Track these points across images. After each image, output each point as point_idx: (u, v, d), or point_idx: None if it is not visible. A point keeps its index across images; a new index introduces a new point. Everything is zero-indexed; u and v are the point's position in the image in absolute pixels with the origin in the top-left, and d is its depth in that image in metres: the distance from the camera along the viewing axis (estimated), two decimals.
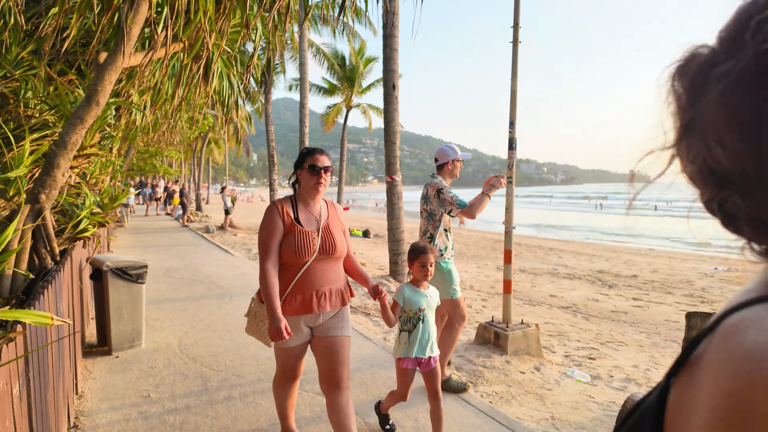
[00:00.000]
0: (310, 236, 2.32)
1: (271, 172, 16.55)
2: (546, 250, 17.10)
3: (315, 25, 16.42)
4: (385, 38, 7.07)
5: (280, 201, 2.40)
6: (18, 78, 4.54)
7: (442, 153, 3.80)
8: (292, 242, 2.29)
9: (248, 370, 3.94)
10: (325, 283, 2.36)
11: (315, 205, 2.45)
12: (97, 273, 4.38)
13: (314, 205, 2.44)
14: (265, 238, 2.33)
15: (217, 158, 46.00)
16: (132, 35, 2.79)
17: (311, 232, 2.34)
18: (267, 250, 2.30)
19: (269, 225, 2.33)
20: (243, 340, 4.69)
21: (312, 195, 2.41)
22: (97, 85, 2.84)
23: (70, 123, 2.81)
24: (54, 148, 2.83)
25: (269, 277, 2.26)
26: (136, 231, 15.42)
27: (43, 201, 2.81)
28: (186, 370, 3.93)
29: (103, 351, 4.32)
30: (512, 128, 4.46)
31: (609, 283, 10.63)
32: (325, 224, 2.41)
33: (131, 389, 3.55)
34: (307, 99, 14.13)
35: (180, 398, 3.41)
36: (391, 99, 7.22)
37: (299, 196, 2.44)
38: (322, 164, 2.35)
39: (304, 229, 2.33)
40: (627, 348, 5.44)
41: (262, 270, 2.28)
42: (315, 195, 2.41)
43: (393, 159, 7.63)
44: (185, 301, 6.29)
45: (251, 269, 8.86)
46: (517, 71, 4.51)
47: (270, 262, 2.29)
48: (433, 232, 3.64)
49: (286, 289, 2.31)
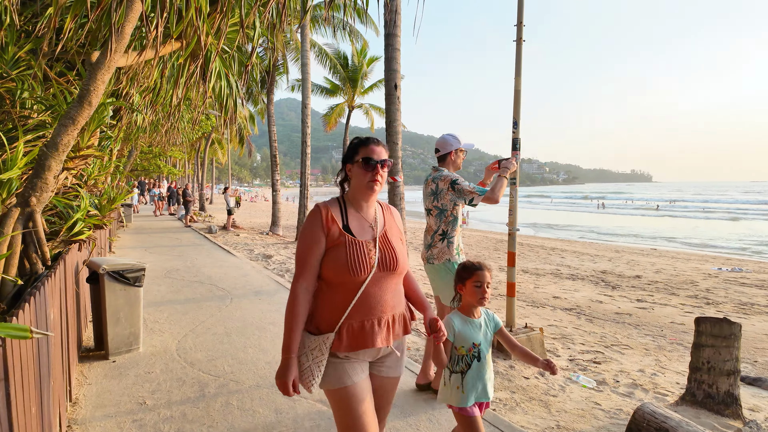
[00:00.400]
0: (366, 248, 1.85)
1: (274, 172, 16.49)
2: (548, 250, 16.99)
3: (316, 26, 16.36)
4: (386, 37, 6.98)
5: (325, 205, 1.91)
6: (15, 78, 4.48)
7: (444, 143, 3.57)
8: (343, 256, 1.80)
9: (246, 375, 3.86)
10: (387, 308, 1.87)
11: (369, 209, 1.97)
12: (94, 276, 4.31)
13: (368, 209, 1.96)
14: (301, 251, 1.86)
15: (221, 158, 46.02)
16: (125, 33, 2.72)
17: (366, 243, 1.86)
18: (301, 266, 1.84)
19: (307, 235, 1.86)
20: (242, 343, 4.62)
21: (366, 196, 1.92)
22: (89, 85, 2.77)
23: (62, 124, 2.74)
24: (45, 149, 2.76)
25: (296, 303, 1.80)
26: (139, 231, 15.39)
27: (34, 204, 2.74)
28: (183, 375, 3.86)
29: (100, 355, 4.26)
30: (516, 129, 4.37)
31: (612, 283, 10.53)
32: (383, 232, 1.95)
33: (127, 396, 3.48)
34: (309, 99, 14.07)
35: (176, 405, 3.33)
36: (393, 99, 7.13)
37: (349, 197, 1.97)
38: (379, 157, 1.88)
39: (357, 240, 1.85)
40: (632, 351, 5.34)
41: (291, 292, 1.83)
42: (369, 196, 1.92)
43: (395, 159, 7.55)
44: (185, 303, 6.22)
45: (252, 270, 8.80)
46: (521, 70, 4.42)
47: (302, 283, 1.82)
48: (446, 229, 3.45)
49: (338, 317, 1.80)
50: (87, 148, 4.40)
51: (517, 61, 4.43)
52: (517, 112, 4.38)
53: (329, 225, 1.85)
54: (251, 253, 11.28)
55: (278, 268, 9.21)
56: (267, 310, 5.91)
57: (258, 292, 6.92)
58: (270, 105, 16.70)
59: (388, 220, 2.02)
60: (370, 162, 1.87)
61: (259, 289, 7.12)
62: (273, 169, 16.51)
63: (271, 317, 5.56)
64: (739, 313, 7.89)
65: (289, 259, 10.27)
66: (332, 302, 1.83)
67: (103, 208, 4.71)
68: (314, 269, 1.83)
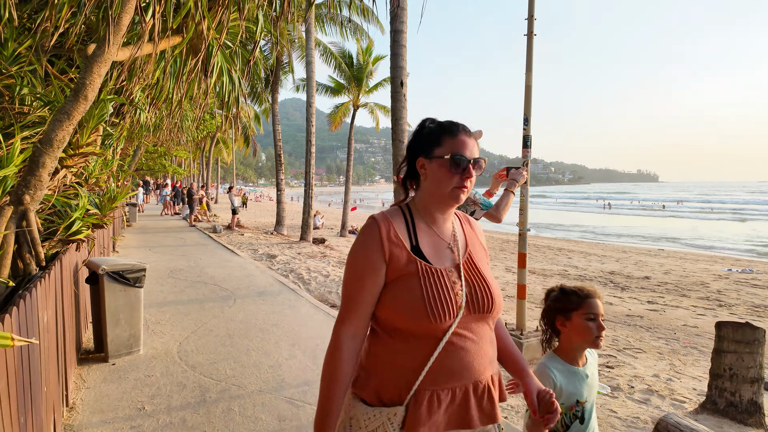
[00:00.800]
0: (448, 279, 1.28)
1: (279, 172, 16.41)
2: (555, 251, 16.82)
3: (321, 23, 16.25)
4: (392, 33, 6.85)
5: (385, 217, 1.33)
6: (14, 74, 4.39)
7: None
8: (416, 292, 1.23)
9: (249, 380, 3.74)
10: (484, 367, 1.29)
11: (445, 222, 1.39)
12: (93, 276, 4.21)
13: (444, 222, 1.38)
14: (349, 282, 1.31)
15: (225, 158, 46.05)
16: (122, 24, 2.61)
17: (447, 272, 1.29)
18: (349, 305, 1.30)
19: (359, 261, 1.30)
20: (245, 346, 4.51)
21: (445, 207, 1.34)
22: (85, 79, 2.66)
23: (56, 119, 2.63)
24: (39, 146, 2.65)
25: (339, 357, 1.27)
26: (143, 231, 15.34)
27: (28, 202, 2.63)
28: (184, 379, 3.75)
29: (100, 358, 4.15)
30: (527, 125, 4.23)
31: (621, 285, 10.35)
32: (466, 256, 1.36)
33: (125, 400, 3.37)
34: (314, 98, 13.96)
35: (176, 411, 3.22)
36: (399, 96, 7.00)
37: (418, 205, 1.38)
38: (472, 154, 1.30)
39: (434, 267, 1.28)
40: (646, 355, 5.19)
41: (333, 340, 1.30)
42: (450, 207, 1.35)
43: (401, 158, 7.41)
44: (188, 304, 6.12)
45: (256, 270, 8.69)
46: (532, 65, 4.28)
47: (348, 327, 1.29)
48: None
49: (410, 382, 1.23)
50: (87, 146, 4.31)
51: (528, 55, 4.29)
52: (528, 109, 4.24)
53: (392, 247, 1.27)
54: (255, 252, 11.18)
55: (282, 268, 9.10)
56: (270, 311, 5.80)
57: (262, 293, 6.81)
58: (275, 104, 16.61)
59: (470, 238, 1.42)
60: (461, 161, 1.27)
61: (262, 290, 7.01)
62: (278, 169, 16.43)
63: (274, 319, 5.45)
64: (753, 315, 7.70)
65: (293, 259, 10.15)
66: (399, 359, 1.25)
67: (104, 207, 4.61)
68: (367, 309, 1.29)
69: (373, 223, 1.31)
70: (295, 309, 5.93)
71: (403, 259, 1.27)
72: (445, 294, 1.24)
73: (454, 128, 1.32)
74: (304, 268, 9.04)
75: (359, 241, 1.32)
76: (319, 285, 7.57)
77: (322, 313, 5.73)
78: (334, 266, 9.29)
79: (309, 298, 6.55)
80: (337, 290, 7.17)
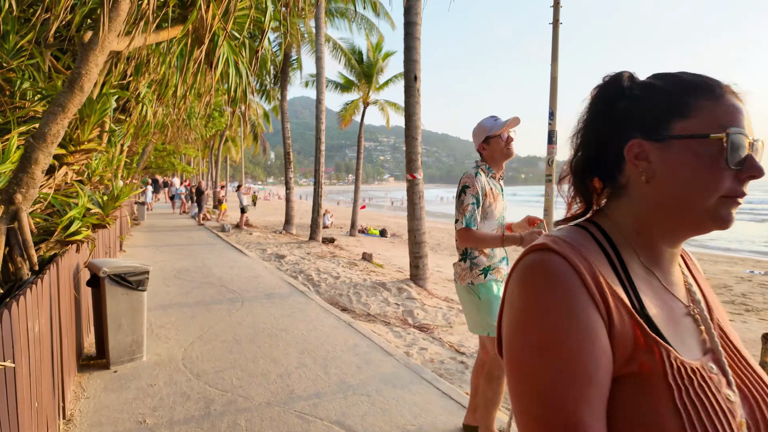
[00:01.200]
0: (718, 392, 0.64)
1: (287, 170, 16.22)
2: None
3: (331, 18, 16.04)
4: (406, 26, 6.59)
5: (572, 248, 0.68)
6: (15, 68, 4.22)
7: (474, 133, 2.78)
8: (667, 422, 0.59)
9: (257, 390, 3.53)
10: None
11: (673, 263, 0.78)
12: (95, 279, 4.02)
13: (671, 263, 0.77)
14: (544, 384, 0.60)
15: (234, 156, 46.05)
16: (119, 10, 2.40)
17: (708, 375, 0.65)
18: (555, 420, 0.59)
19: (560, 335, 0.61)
20: (252, 353, 4.30)
21: (687, 231, 0.73)
22: (80, 68, 2.45)
23: (50, 112, 2.43)
24: (32, 141, 2.45)
25: None
26: (152, 229, 15.24)
27: (19, 201, 2.44)
28: (188, 389, 3.54)
29: (101, 364, 3.96)
30: (552, 120, 3.96)
31: None
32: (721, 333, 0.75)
33: (126, 412, 3.17)
34: (323, 95, 13.73)
35: (178, 425, 3.01)
36: (413, 92, 6.74)
37: (624, 229, 0.75)
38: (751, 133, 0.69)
39: (687, 363, 0.64)
40: None
41: None
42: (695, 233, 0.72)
43: (414, 156, 7.16)
44: (194, 306, 5.93)
45: (264, 271, 8.50)
46: (558, 55, 4.01)
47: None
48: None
49: None
50: (88, 142, 4.12)
51: (554, 44, 4.01)
52: (554, 102, 3.97)
53: (608, 308, 0.64)
54: (264, 252, 10.99)
55: (291, 269, 8.89)
56: (279, 315, 5.58)
57: (270, 295, 6.60)
58: (284, 101, 16.41)
59: (707, 293, 0.82)
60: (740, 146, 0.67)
61: (271, 292, 6.80)
62: (287, 167, 16.24)
63: (283, 323, 5.24)
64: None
65: (302, 260, 9.94)
66: None
67: (107, 205, 4.42)
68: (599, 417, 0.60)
69: (559, 262, 0.65)
70: (304, 312, 5.72)
71: (628, 336, 0.63)
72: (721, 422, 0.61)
73: (715, 86, 0.69)
74: (314, 268, 8.83)
75: (535, 303, 0.64)
76: (329, 287, 7.35)
77: (333, 317, 5.51)
78: (344, 267, 9.07)
79: (319, 301, 6.34)
80: (347, 292, 6.93)
